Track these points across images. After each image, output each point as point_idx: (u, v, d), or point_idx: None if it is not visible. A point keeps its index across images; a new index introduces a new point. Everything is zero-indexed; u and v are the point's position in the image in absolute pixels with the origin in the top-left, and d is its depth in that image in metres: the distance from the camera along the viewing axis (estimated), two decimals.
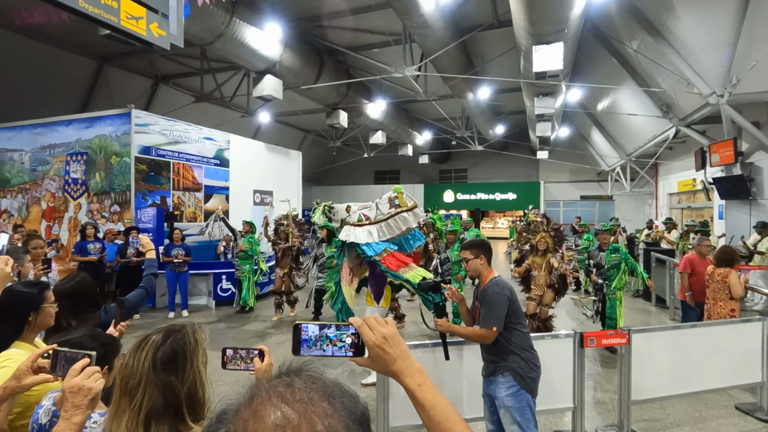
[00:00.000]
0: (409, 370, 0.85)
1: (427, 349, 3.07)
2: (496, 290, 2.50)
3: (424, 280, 2.72)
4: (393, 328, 0.88)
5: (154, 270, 2.75)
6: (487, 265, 2.68)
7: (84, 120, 8.77)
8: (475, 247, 2.70)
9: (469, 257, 2.68)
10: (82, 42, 11.47)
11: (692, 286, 5.22)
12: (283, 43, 9.61)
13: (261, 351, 1.38)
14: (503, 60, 11.59)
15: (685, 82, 8.48)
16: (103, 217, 8.39)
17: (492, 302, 2.48)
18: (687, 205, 14.56)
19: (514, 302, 2.56)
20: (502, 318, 2.47)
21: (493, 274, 2.64)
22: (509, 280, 2.92)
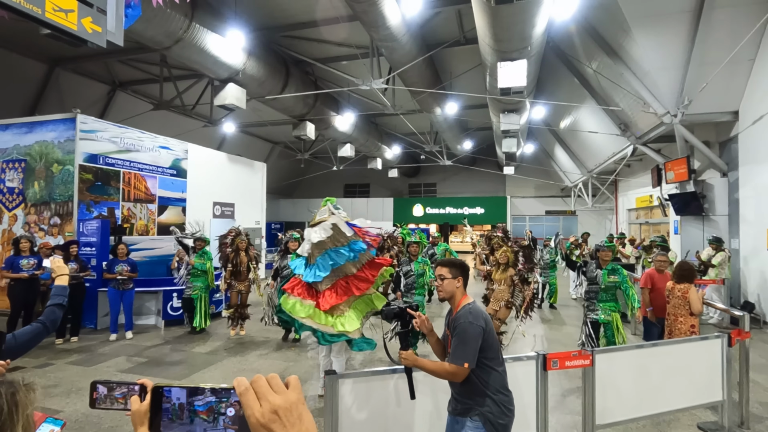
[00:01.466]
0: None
1: (385, 377, 2.82)
2: (469, 320, 2.19)
3: (388, 307, 2.38)
4: (294, 395, 0.62)
5: (61, 300, 2.30)
6: (463, 289, 2.40)
7: (23, 125, 8.12)
8: (455, 266, 2.40)
9: (446, 276, 2.39)
10: (32, 43, 10.76)
11: (652, 302, 5.23)
12: (246, 51, 9.32)
13: (143, 386, 0.99)
14: (470, 76, 11.74)
15: (641, 102, 8.77)
16: (41, 230, 7.71)
17: (464, 334, 2.17)
18: (645, 221, 15.08)
19: (490, 334, 2.25)
20: (474, 353, 2.16)
21: (468, 300, 2.35)
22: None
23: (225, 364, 5.63)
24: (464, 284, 2.41)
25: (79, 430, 3.83)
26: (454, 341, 2.21)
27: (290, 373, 4.50)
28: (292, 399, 0.61)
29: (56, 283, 2.32)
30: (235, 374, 5.28)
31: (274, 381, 0.63)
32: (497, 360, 2.30)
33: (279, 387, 0.62)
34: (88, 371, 5.27)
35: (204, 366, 5.55)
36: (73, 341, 6.55)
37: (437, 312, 9.01)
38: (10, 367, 1.79)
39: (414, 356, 2.24)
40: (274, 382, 0.63)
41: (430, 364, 2.26)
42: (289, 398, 0.61)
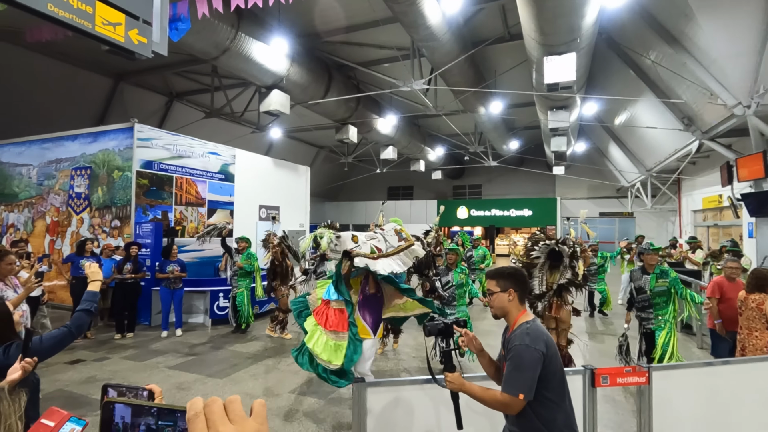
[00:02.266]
0: None
1: (416, 387, 2.68)
2: (525, 342, 1.85)
3: (432, 322, 2.10)
4: (253, 426, 0.52)
5: (89, 306, 2.30)
6: (519, 304, 2.02)
7: (89, 135, 8.80)
8: (503, 277, 2.04)
9: (494, 290, 2.03)
10: (99, 60, 11.69)
11: (722, 314, 4.70)
12: (290, 57, 9.55)
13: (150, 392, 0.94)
14: (515, 73, 11.32)
15: (708, 93, 8.01)
16: (104, 232, 8.30)
17: (519, 360, 1.84)
18: (713, 223, 13.79)
19: (552, 361, 1.87)
20: (531, 382, 1.81)
21: (526, 317, 1.99)
22: None
23: (266, 363, 5.73)
24: (520, 297, 2.03)
25: None
26: (508, 366, 1.89)
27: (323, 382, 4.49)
28: (248, 431, 0.51)
29: (88, 289, 2.34)
30: (276, 374, 5.35)
31: (232, 407, 0.53)
32: (561, 392, 1.92)
33: (236, 415, 0.52)
34: (139, 366, 5.57)
35: (245, 365, 5.68)
36: (129, 337, 6.96)
37: (477, 319, 8.70)
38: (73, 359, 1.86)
39: (461, 379, 1.95)
40: (232, 408, 0.53)
41: (479, 391, 1.92)
42: (243, 430, 0.50)
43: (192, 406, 0.53)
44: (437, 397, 2.61)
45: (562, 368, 1.93)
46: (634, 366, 2.96)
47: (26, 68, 10.67)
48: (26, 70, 10.69)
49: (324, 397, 4.65)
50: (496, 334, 7.07)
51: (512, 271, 2.08)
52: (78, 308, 2.30)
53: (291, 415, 4.21)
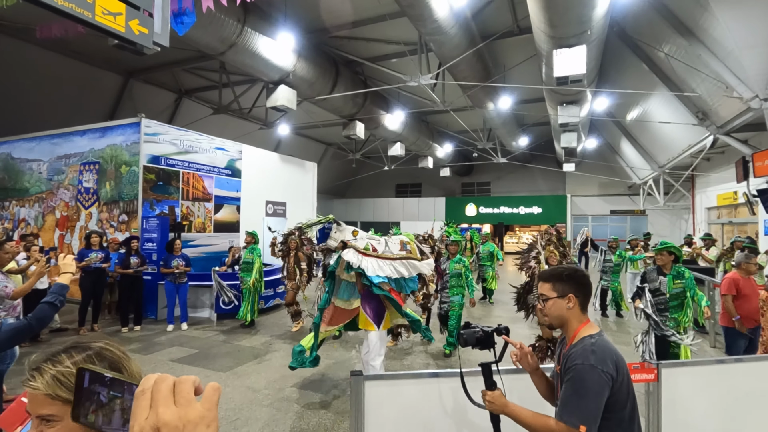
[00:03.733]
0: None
1: (419, 381, 2.62)
2: (590, 362, 1.49)
3: (469, 328, 1.79)
4: (198, 410, 0.47)
5: (54, 299, 2.14)
6: (580, 312, 1.66)
7: (97, 130, 8.87)
8: (561, 279, 1.66)
9: (550, 295, 1.67)
10: (110, 58, 11.79)
11: (739, 310, 4.55)
12: (296, 52, 9.52)
13: None
14: (524, 68, 11.15)
15: (723, 86, 7.79)
16: (111, 227, 8.37)
17: (581, 383, 1.48)
18: (728, 220, 13.48)
19: (624, 386, 1.53)
20: (596, 411, 1.46)
21: (590, 329, 1.62)
22: None
23: (269, 358, 5.71)
24: (582, 304, 1.67)
25: None
26: (566, 389, 1.52)
27: (332, 371, 4.47)
28: (190, 417, 0.45)
29: (57, 281, 2.20)
30: (279, 368, 5.33)
31: (180, 387, 0.48)
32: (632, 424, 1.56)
33: (183, 397, 0.47)
34: (144, 359, 5.59)
35: (249, 359, 5.67)
36: (136, 330, 7.01)
37: (483, 314, 8.60)
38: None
39: (503, 399, 1.65)
40: (180, 388, 0.47)
41: (527, 416, 1.60)
42: (185, 415, 0.45)
43: (143, 382, 0.49)
44: (437, 392, 2.55)
45: (634, 397, 1.58)
46: (643, 362, 2.86)
47: (39, 66, 10.80)
48: (39, 67, 10.83)
49: (326, 392, 4.61)
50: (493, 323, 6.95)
51: (572, 272, 1.69)
52: (43, 300, 2.15)
53: (293, 409, 4.18)
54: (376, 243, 4.31)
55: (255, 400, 4.40)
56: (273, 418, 4.00)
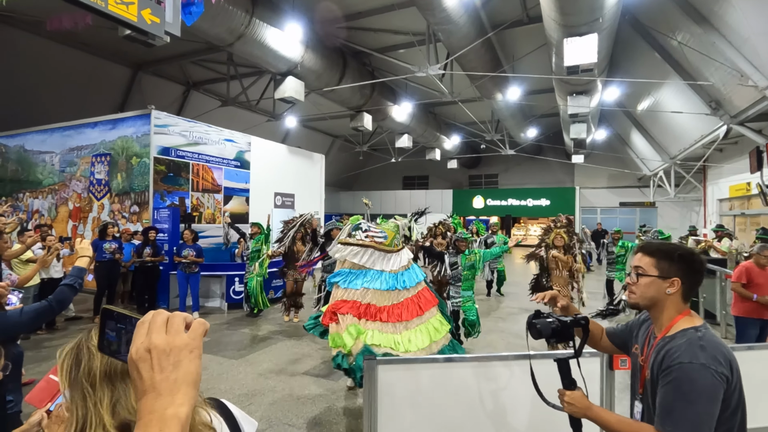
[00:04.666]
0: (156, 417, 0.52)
1: (431, 366, 2.64)
2: (699, 360, 1.23)
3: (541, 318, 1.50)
4: (183, 339, 0.56)
5: (73, 281, 2.20)
6: (682, 301, 1.40)
7: (108, 122, 8.95)
8: (670, 258, 1.40)
9: (649, 272, 1.41)
10: (118, 50, 11.85)
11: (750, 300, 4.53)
12: (304, 43, 9.49)
13: None
14: (533, 57, 11.02)
15: (738, 74, 7.65)
16: (123, 218, 8.47)
17: (690, 385, 1.22)
18: (740, 212, 13.30)
19: (736, 391, 1.27)
20: (710, 422, 1.20)
21: (691, 320, 1.37)
22: None
23: (278, 347, 5.78)
24: (686, 294, 1.40)
25: None
26: (668, 393, 1.25)
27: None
28: (177, 343, 0.55)
29: (75, 264, 2.26)
30: (289, 355, 5.40)
31: (173, 319, 0.58)
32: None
33: (174, 327, 0.57)
34: None
35: (261, 347, 5.75)
36: None
37: (494, 307, 8.62)
38: None
39: (585, 401, 1.41)
40: (172, 321, 0.57)
41: (616, 421, 1.36)
42: (173, 341, 0.55)
43: (145, 317, 0.58)
44: (450, 377, 2.57)
45: (744, 405, 1.30)
46: None
47: (48, 58, 10.89)
48: (48, 60, 10.92)
49: (337, 378, 4.67)
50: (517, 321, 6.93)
51: (687, 254, 1.41)
52: (62, 283, 2.22)
53: (305, 395, 4.24)
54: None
55: (267, 385, 4.47)
56: (286, 403, 4.06)
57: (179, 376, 0.54)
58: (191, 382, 0.55)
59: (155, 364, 0.53)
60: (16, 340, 2.18)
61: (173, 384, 0.53)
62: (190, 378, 0.55)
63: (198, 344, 0.57)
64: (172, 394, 0.52)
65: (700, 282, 1.45)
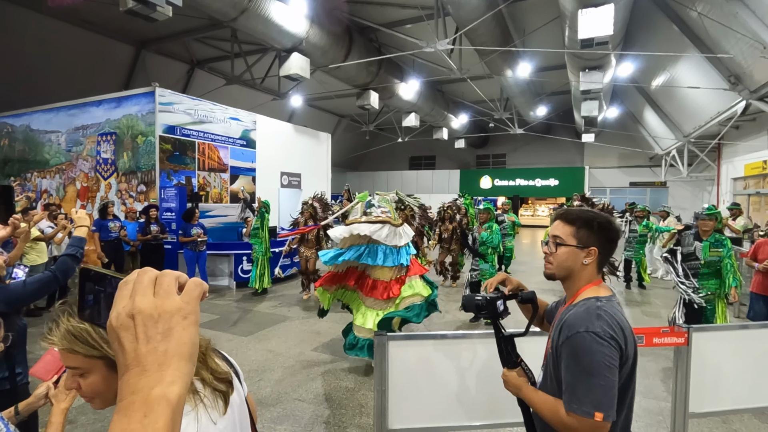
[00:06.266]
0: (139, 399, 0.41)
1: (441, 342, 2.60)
2: (596, 330, 1.19)
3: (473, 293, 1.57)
4: (175, 303, 0.46)
5: (74, 251, 2.18)
6: (595, 271, 1.36)
7: (112, 100, 8.86)
8: (589, 227, 1.33)
9: (567, 240, 1.35)
10: (121, 27, 11.66)
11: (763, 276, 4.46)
12: (309, 18, 9.25)
13: None
14: (545, 32, 10.68)
15: (761, 47, 7.35)
16: (130, 197, 8.47)
17: (588, 356, 1.18)
18: (755, 191, 13.03)
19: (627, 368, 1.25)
20: (612, 392, 1.17)
21: (598, 290, 1.33)
22: None
23: (287, 325, 5.81)
24: (600, 263, 1.36)
25: None
26: (566, 366, 1.22)
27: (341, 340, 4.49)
28: (167, 307, 0.45)
29: (74, 234, 2.25)
30: (298, 333, 5.42)
31: (162, 279, 0.47)
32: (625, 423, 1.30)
33: (164, 288, 0.46)
34: None
35: (269, 325, 5.78)
36: None
37: None
38: None
39: (517, 380, 1.38)
40: (162, 281, 0.47)
41: (538, 401, 1.32)
42: (162, 305, 0.45)
43: (129, 276, 0.49)
44: (460, 353, 2.54)
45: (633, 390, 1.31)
46: (672, 326, 2.79)
47: (52, 37, 10.76)
48: (52, 38, 10.78)
49: (344, 357, 4.68)
50: None
51: (605, 222, 1.34)
52: (63, 253, 2.21)
53: (315, 371, 4.26)
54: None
55: (277, 362, 4.49)
56: (295, 379, 4.08)
57: (170, 347, 0.44)
58: (185, 354, 0.45)
59: (140, 332, 0.44)
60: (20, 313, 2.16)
61: (162, 357, 0.43)
62: (183, 350, 0.45)
63: (194, 309, 0.47)
64: (160, 370, 0.43)
65: (613, 251, 1.39)
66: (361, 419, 3.36)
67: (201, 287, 0.49)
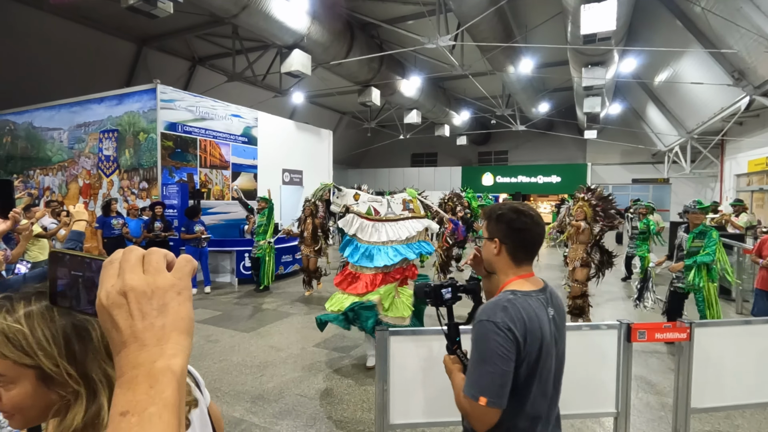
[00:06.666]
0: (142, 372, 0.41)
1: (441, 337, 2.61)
2: (496, 320, 1.21)
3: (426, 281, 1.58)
4: (168, 279, 0.45)
5: (73, 245, 2.15)
6: (511, 262, 1.35)
7: (114, 97, 8.86)
8: (491, 219, 1.39)
9: (484, 235, 1.42)
10: (122, 25, 11.65)
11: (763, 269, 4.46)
12: (310, 14, 9.23)
13: None
14: (548, 27, 10.62)
15: (765, 42, 7.30)
16: (133, 194, 8.48)
17: (484, 344, 1.22)
18: (759, 187, 12.97)
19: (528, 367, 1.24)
20: (501, 380, 1.19)
21: (521, 284, 1.33)
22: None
23: (290, 321, 5.82)
24: (512, 253, 1.35)
25: None
26: (470, 352, 1.29)
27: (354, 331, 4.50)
28: (160, 283, 0.44)
29: (72, 228, 2.22)
30: (300, 329, 5.44)
31: (150, 257, 0.46)
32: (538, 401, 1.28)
33: (153, 265, 0.45)
34: None
35: (271, 321, 5.79)
36: None
37: None
38: None
39: (450, 365, 1.41)
40: (150, 258, 0.46)
41: (455, 384, 1.36)
42: (154, 281, 0.44)
43: (113, 255, 0.47)
44: None
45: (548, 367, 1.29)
46: (674, 322, 2.79)
47: (53, 34, 10.77)
48: (53, 35, 10.78)
49: (347, 351, 4.69)
50: None
51: (505, 212, 1.36)
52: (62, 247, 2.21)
53: (317, 367, 4.27)
54: (378, 205, 4.30)
55: (279, 358, 4.50)
56: (297, 375, 4.09)
57: (167, 322, 0.43)
58: (183, 329, 0.45)
59: (134, 309, 0.43)
60: None
61: (161, 331, 0.43)
62: (181, 324, 0.44)
63: (187, 284, 0.47)
64: (160, 344, 0.42)
65: (526, 240, 1.35)
66: (362, 414, 3.36)
67: (192, 263, 0.49)
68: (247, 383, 3.91)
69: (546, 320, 1.28)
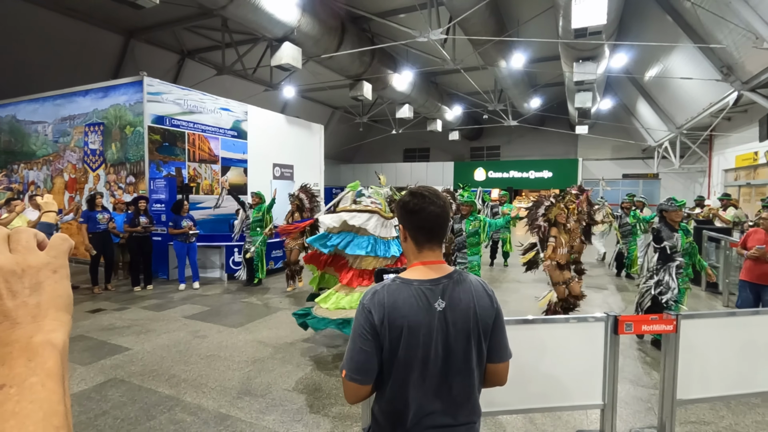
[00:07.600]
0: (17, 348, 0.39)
1: None
2: (364, 302, 1.27)
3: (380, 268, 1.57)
4: (41, 258, 0.43)
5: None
6: (415, 248, 1.35)
7: (99, 90, 8.69)
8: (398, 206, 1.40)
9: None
10: (108, 16, 11.41)
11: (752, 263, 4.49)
12: (300, 7, 9.11)
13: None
14: (539, 22, 10.60)
15: (753, 37, 7.33)
16: (119, 188, 8.35)
17: (353, 324, 1.30)
18: (746, 182, 13.13)
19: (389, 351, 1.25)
20: (358, 356, 1.24)
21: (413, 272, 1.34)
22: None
23: (278, 316, 5.78)
24: (416, 239, 1.34)
25: (143, 365, 4.11)
26: None
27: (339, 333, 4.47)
28: (31, 262, 0.42)
29: (42, 220, 2.21)
30: (288, 324, 5.39)
31: (17, 236, 0.43)
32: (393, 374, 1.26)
33: (22, 245, 0.43)
34: (157, 316, 5.69)
35: (260, 316, 5.74)
36: (149, 289, 7.12)
37: (497, 277, 8.61)
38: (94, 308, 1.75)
39: None
40: (17, 237, 0.43)
41: None
42: (24, 260, 0.42)
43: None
44: None
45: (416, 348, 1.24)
46: (660, 314, 2.79)
47: (38, 26, 10.51)
48: (38, 27, 10.53)
49: (336, 346, 4.67)
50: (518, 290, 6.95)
51: (403, 199, 1.37)
52: None
53: (304, 362, 4.24)
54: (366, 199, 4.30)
55: (266, 353, 4.46)
56: (285, 369, 4.06)
57: (42, 300, 0.42)
58: (61, 306, 0.43)
59: (2, 288, 0.40)
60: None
61: (35, 309, 0.41)
62: (59, 302, 0.43)
63: (63, 263, 0.45)
64: (36, 321, 0.41)
65: (421, 223, 1.32)
66: (350, 408, 3.34)
67: (68, 242, 0.47)
68: (234, 378, 3.87)
69: (426, 310, 1.25)
